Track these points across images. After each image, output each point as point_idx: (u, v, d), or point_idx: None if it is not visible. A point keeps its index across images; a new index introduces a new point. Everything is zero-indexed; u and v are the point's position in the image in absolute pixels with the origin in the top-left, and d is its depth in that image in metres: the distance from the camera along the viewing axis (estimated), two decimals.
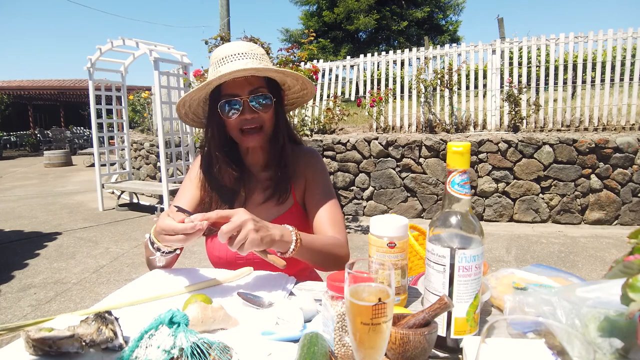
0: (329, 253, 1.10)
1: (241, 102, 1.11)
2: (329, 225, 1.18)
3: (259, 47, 1.18)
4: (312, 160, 1.28)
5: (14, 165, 13.91)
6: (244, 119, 1.12)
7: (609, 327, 0.60)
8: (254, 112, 1.12)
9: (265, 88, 1.13)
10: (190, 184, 1.28)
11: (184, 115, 1.24)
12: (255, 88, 1.11)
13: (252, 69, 1.07)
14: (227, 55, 1.12)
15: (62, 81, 19.35)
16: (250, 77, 1.10)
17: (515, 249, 4.34)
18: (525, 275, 0.92)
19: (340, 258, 1.13)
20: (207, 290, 0.98)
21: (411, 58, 6.78)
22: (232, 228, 0.85)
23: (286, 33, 20.18)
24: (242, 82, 1.10)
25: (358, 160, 5.91)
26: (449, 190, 0.69)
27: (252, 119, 1.12)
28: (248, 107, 1.11)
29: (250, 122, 1.13)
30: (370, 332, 0.54)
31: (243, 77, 1.10)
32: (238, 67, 1.06)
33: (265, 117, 1.14)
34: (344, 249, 1.15)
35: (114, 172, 7.09)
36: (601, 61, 5.86)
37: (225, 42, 4.77)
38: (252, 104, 1.11)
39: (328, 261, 1.10)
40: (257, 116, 1.12)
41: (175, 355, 0.60)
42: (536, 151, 5.20)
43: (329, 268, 1.13)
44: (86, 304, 3.15)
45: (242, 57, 1.12)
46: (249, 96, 1.11)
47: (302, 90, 1.28)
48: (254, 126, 1.14)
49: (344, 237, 1.19)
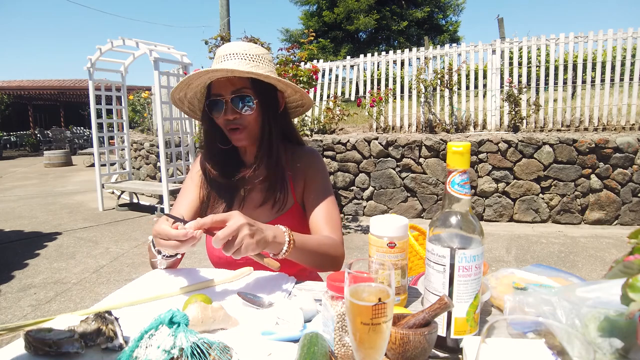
0: (324, 253, 1.09)
1: (223, 102, 1.12)
2: (325, 223, 1.18)
3: (259, 47, 1.17)
4: (312, 160, 1.27)
5: (14, 165, 13.91)
6: (226, 119, 1.13)
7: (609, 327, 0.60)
8: (236, 112, 1.12)
9: (249, 89, 1.12)
10: (191, 183, 1.28)
11: (178, 101, 1.24)
12: (237, 89, 1.11)
13: (229, 69, 1.06)
14: (227, 53, 1.13)
15: (62, 81, 19.34)
16: (233, 78, 1.10)
17: (515, 249, 4.34)
18: (525, 275, 0.92)
19: (335, 258, 1.12)
20: (207, 290, 0.98)
21: (411, 58, 6.78)
22: (228, 234, 0.84)
23: (286, 33, 20.20)
24: (225, 82, 1.11)
25: (358, 160, 5.91)
26: (449, 190, 0.69)
27: (234, 120, 1.13)
28: (230, 108, 1.12)
29: (233, 123, 1.13)
30: (370, 332, 0.54)
31: (226, 78, 1.10)
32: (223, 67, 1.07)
33: (249, 118, 1.14)
34: (339, 249, 1.14)
35: (114, 172, 7.09)
36: (601, 61, 5.87)
37: (225, 42, 4.77)
38: (233, 104, 1.11)
39: (322, 262, 1.10)
40: (238, 117, 1.12)
41: (175, 355, 0.60)
42: (536, 151, 5.20)
43: (323, 269, 1.13)
44: (86, 304, 3.15)
45: (233, 58, 1.12)
46: (231, 96, 1.11)
47: (300, 100, 1.28)
48: (237, 127, 1.14)
49: (340, 236, 1.18)
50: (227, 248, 0.85)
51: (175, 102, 1.25)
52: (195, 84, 1.16)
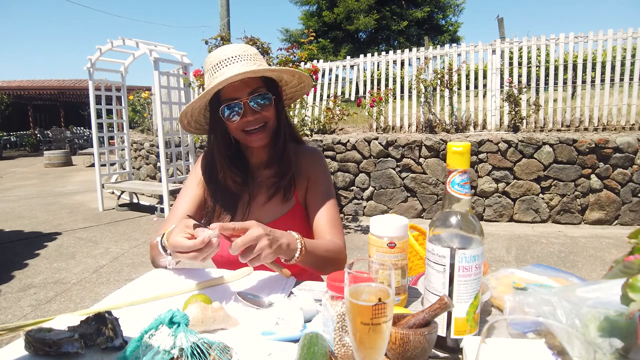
0: (330, 258, 1.12)
1: (242, 105, 1.12)
2: (328, 227, 1.20)
3: (251, 47, 1.19)
4: (315, 160, 1.28)
5: (14, 165, 13.91)
6: (246, 121, 1.13)
7: (609, 327, 0.60)
8: (256, 112, 1.13)
9: (263, 87, 1.13)
10: (194, 181, 1.29)
11: (187, 125, 1.25)
12: (253, 89, 1.12)
13: (250, 71, 1.07)
14: (221, 60, 1.13)
15: (62, 81, 19.34)
16: (247, 79, 1.11)
17: (515, 249, 4.34)
18: (525, 275, 0.92)
19: (339, 262, 1.15)
20: (207, 290, 0.98)
21: (411, 58, 6.78)
22: (247, 242, 0.86)
23: (286, 33, 20.20)
24: (240, 85, 1.11)
25: (358, 160, 5.91)
26: (449, 190, 0.69)
27: (254, 120, 1.13)
28: (249, 109, 1.12)
29: (254, 123, 1.14)
30: (370, 332, 0.54)
31: (240, 80, 1.10)
32: (234, 72, 1.07)
33: (268, 115, 1.15)
34: (342, 254, 1.18)
35: (114, 172, 7.10)
36: (601, 61, 5.87)
37: (225, 41, 4.77)
38: (252, 105, 1.12)
39: (327, 266, 1.13)
40: (259, 116, 1.13)
41: (175, 355, 0.60)
42: (536, 151, 5.20)
43: (326, 272, 1.15)
44: (86, 304, 3.15)
45: (237, 60, 1.12)
46: (249, 97, 1.11)
47: (300, 84, 1.29)
48: (258, 125, 1.15)
49: (343, 241, 1.21)
50: (245, 256, 0.87)
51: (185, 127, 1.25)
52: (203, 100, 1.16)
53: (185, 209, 1.23)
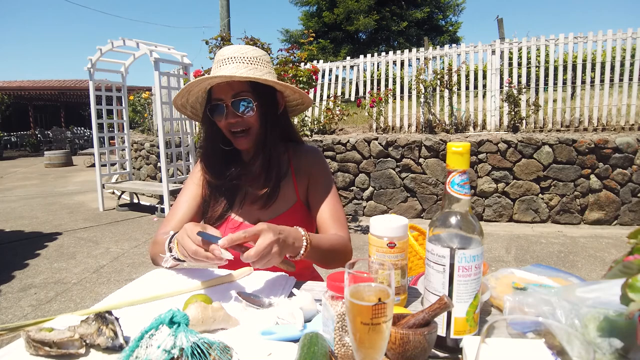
0: (335, 252, 1.13)
1: (224, 107, 1.13)
2: (332, 222, 1.22)
3: (257, 49, 1.18)
4: (315, 159, 1.29)
5: (14, 165, 13.91)
6: (229, 123, 1.14)
7: (608, 327, 0.61)
8: (237, 116, 1.13)
9: (249, 92, 1.13)
10: (192, 182, 1.29)
11: (181, 107, 1.26)
12: (237, 92, 1.12)
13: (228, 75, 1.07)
14: (222, 58, 1.14)
15: (63, 81, 19.34)
16: (233, 82, 1.12)
17: (514, 249, 4.34)
18: (525, 275, 0.92)
19: (345, 255, 1.17)
20: (207, 290, 0.98)
21: (411, 58, 6.78)
22: (260, 252, 0.85)
23: (286, 33, 20.18)
24: (225, 86, 1.12)
25: (358, 161, 5.91)
26: (449, 191, 0.70)
27: (236, 123, 1.14)
28: (231, 112, 1.13)
29: (235, 126, 1.15)
30: (370, 332, 0.54)
31: (225, 82, 1.12)
32: (222, 73, 1.09)
33: (250, 120, 1.15)
34: (348, 246, 1.20)
35: (115, 173, 7.10)
36: (601, 61, 5.86)
37: (225, 42, 4.77)
38: (234, 108, 1.13)
39: (333, 260, 1.14)
40: (240, 120, 1.14)
41: (176, 355, 0.60)
42: (536, 151, 5.20)
43: (332, 266, 1.16)
44: (86, 304, 3.15)
45: (232, 62, 1.13)
46: (232, 100, 1.12)
47: (300, 99, 1.29)
48: (240, 129, 1.16)
49: (347, 233, 1.23)
50: (257, 263, 0.87)
51: (178, 108, 1.27)
52: (195, 90, 1.18)
53: (185, 209, 1.24)
